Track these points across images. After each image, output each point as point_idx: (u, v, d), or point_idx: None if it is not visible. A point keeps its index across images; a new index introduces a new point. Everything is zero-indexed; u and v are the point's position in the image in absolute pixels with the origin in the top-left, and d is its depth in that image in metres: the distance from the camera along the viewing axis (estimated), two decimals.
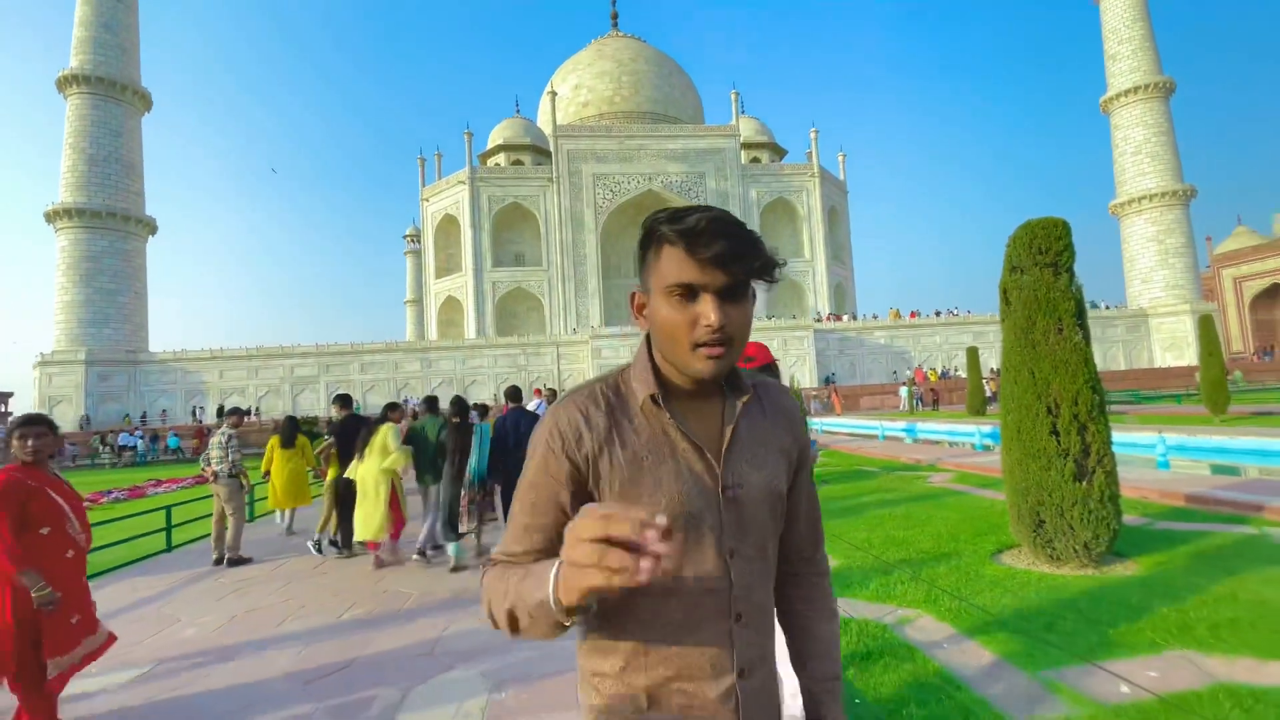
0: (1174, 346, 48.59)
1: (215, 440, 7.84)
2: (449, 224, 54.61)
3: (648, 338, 1.01)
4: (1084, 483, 4.97)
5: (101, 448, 32.16)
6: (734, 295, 0.92)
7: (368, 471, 6.96)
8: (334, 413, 8.09)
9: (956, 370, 43.73)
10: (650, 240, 0.95)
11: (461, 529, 6.83)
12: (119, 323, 44.22)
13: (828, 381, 44.03)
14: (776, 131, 64.41)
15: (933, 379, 42.68)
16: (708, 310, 0.90)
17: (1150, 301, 51.69)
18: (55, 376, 39.86)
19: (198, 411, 40.53)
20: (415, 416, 10.10)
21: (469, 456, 6.93)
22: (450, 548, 6.84)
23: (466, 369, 43.78)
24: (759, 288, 0.99)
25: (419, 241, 68.26)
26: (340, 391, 8.05)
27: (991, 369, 37.23)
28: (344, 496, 7.67)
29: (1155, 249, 52.30)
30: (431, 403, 8.42)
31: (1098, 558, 5.10)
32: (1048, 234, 5.12)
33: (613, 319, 51.76)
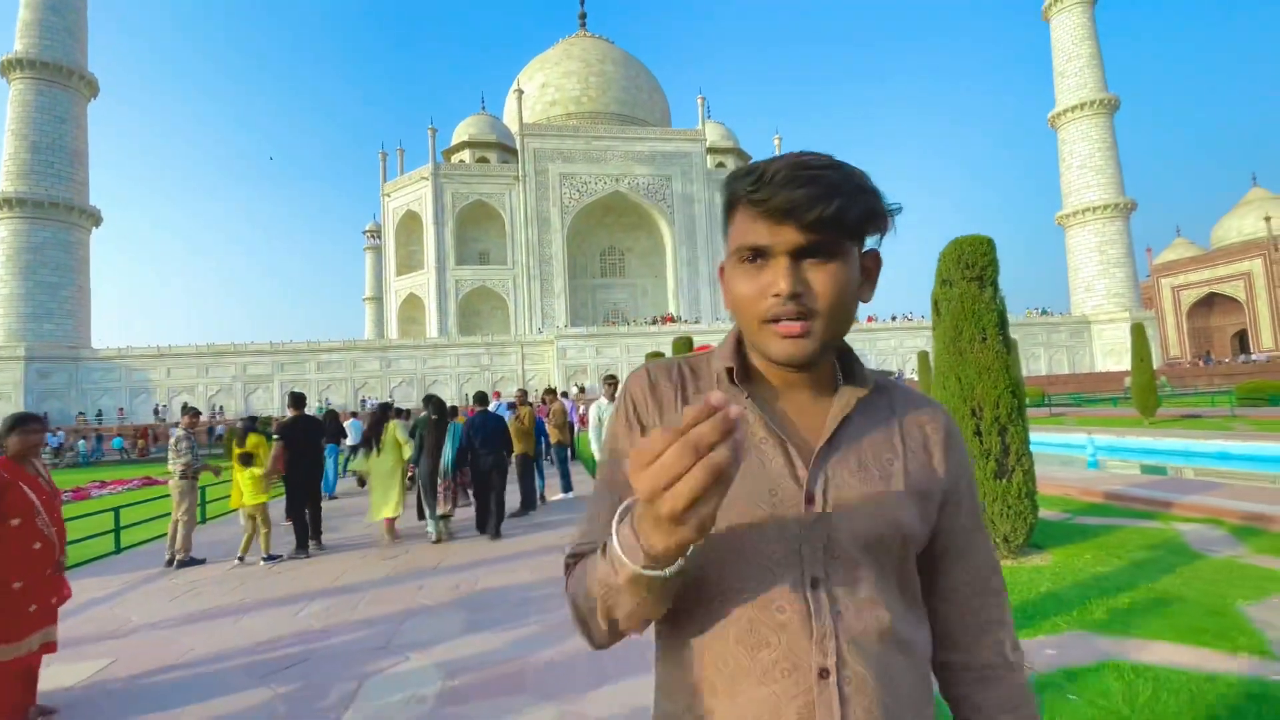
0: (1114, 352, 50.87)
1: (170, 441, 7.85)
2: (411, 220, 53.86)
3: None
4: (1004, 480, 5.38)
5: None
6: (817, 256, 0.73)
7: (382, 463, 8.08)
8: (289, 413, 8.18)
9: (913, 373, 45.01)
10: (729, 201, 0.78)
11: (440, 511, 7.95)
12: (61, 318, 42.53)
13: None
14: (741, 137, 65.40)
15: None
16: (776, 276, 0.72)
17: (1092, 309, 54.07)
18: None
19: (160, 410, 39.09)
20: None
21: (442, 450, 8.05)
22: (430, 525, 8.03)
23: (428, 369, 43.22)
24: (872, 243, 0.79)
25: (379, 237, 67.03)
26: (295, 390, 8.21)
27: None
28: (307, 494, 7.81)
29: (1097, 259, 54.75)
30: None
31: (1016, 549, 5.52)
32: (974, 250, 5.51)
33: (579, 319, 51.82)
